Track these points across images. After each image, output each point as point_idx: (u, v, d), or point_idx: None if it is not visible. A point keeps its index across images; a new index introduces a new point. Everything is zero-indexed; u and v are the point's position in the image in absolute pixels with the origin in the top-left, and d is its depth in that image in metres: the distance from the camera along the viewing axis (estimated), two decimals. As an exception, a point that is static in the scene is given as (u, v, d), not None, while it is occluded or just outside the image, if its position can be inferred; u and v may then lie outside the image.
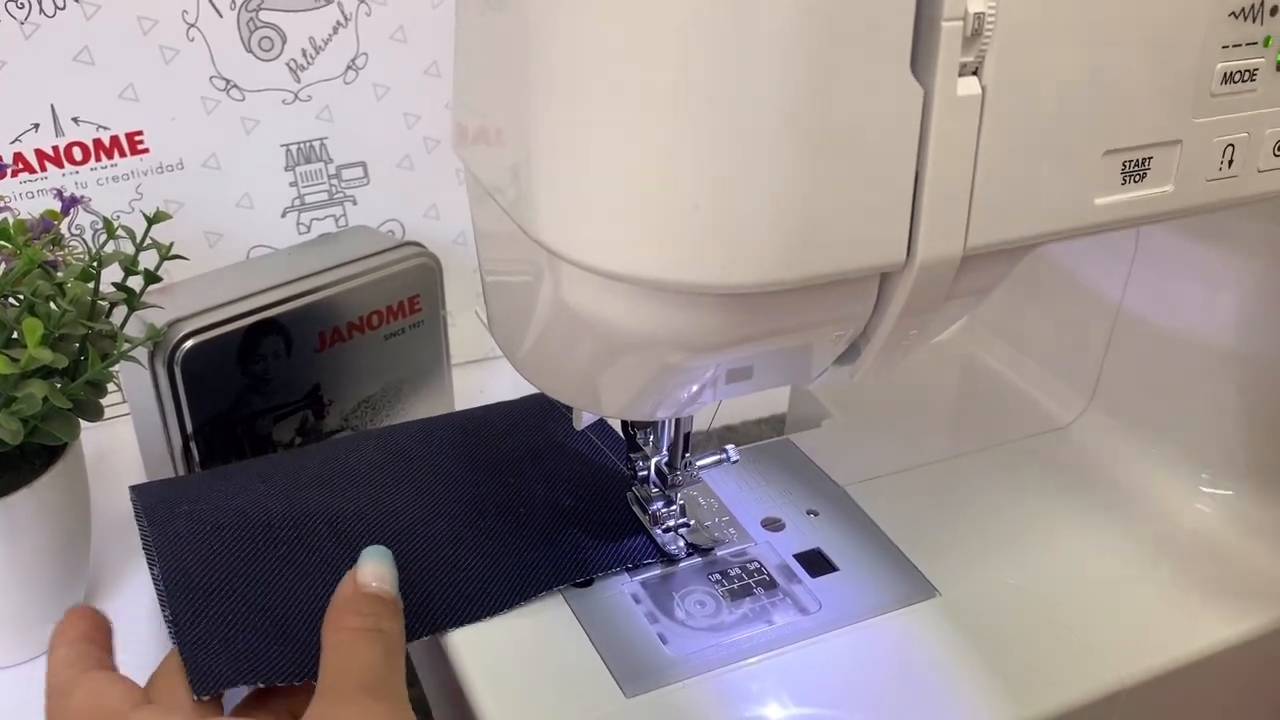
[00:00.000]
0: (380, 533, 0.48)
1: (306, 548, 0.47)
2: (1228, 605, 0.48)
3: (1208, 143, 0.36)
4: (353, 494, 0.50)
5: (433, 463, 0.53)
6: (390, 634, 0.40)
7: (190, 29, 0.62)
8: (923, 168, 0.31)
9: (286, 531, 0.47)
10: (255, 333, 0.56)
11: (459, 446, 0.54)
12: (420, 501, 0.50)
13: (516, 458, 0.54)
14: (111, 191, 0.64)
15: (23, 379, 0.45)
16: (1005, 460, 0.55)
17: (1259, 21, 0.35)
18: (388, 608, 0.41)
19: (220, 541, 0.47)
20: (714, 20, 0.29)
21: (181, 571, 0.45)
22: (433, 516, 0.49)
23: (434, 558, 0.47)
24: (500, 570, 0.47)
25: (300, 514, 0.48)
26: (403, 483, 0.51)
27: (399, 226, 0.72)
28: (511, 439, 0.55)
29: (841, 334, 0.36)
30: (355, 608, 0.41)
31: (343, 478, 0.51)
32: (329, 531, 0.48)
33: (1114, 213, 0.36)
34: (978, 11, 0.30)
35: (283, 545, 0.47)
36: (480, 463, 0.53)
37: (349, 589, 0.42)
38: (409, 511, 0.49)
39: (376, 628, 0.40)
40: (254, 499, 0.49)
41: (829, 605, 0.46)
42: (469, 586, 0.46)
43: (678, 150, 0.30)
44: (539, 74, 0.32)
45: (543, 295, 0.37)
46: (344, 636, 0.40)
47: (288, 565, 0.46)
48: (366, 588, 0.42)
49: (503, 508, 0.50)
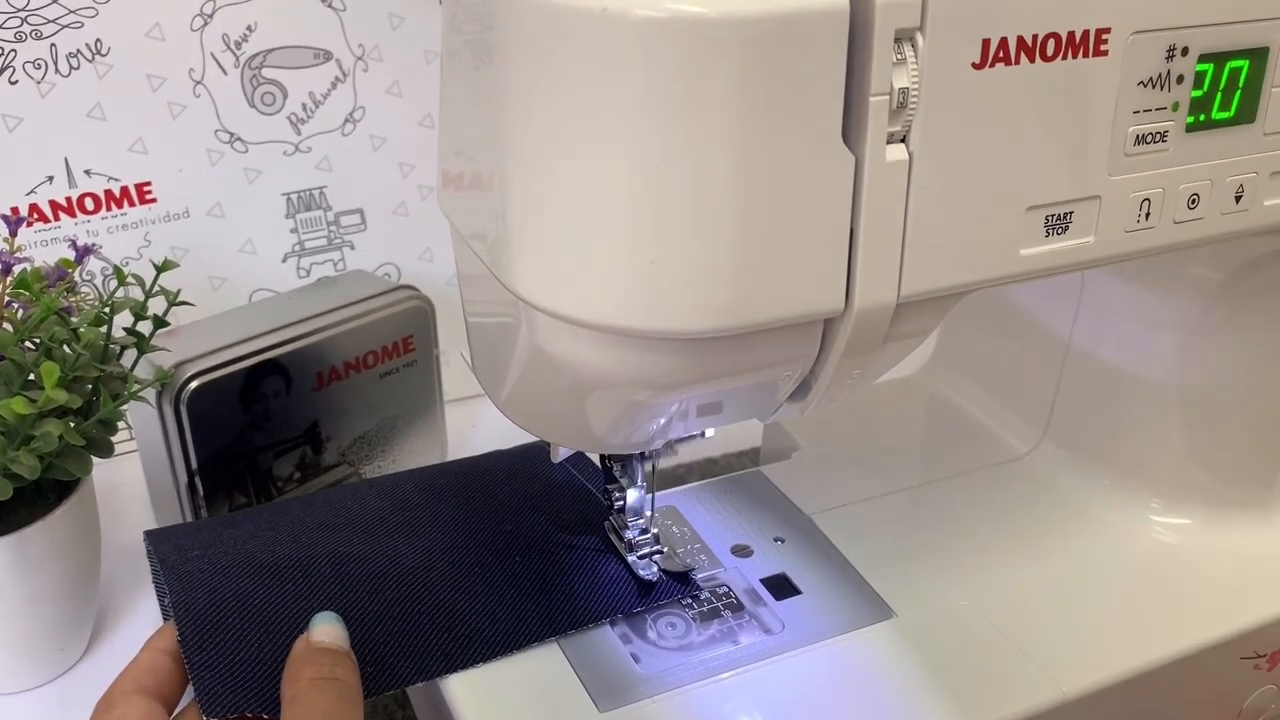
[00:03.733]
0: (382, 577, 0.50)
1: (311, 588, 0.48)
2: (1171, 623, 0.50)
3: (1125, 197, 0.40)
4: (356, 540, 0.52)
5: (432, 510, 0.54)
6: (346, 682, 0.42)
7: (197, 86, 0.66)
8: (857, 225, 0.35)
9: (293, 572, 0.49)
10: (257, 373, 0.59)
11: (458, 494, 0.56)
12: (421, 547, 0.52)
13: (514, 505, 0.55)
14: (121, 239, 0.67)
15: (40, 418, 0.48)
16: (963, 489, 0.58)
17: (1166, 89, 0.39)
18: (342, 658, 0.43)
19: (229, 580, 0.48)
20: (666, 96, 0.32)
21: (191, 606, 0.47)
22: (433, 562, 0.51)
23: (430, 602, 0.49)
24: (496, 620, 0.48)
25: (306, 558, 0.50)
26: (404, 530, 0.53)
27: (394, 270, 0.75)
28: (509, 486, 0.57)
29: (790, 374, 0.39)
30: (310, 659, 0.42)
31: (347, 524, 0.53)
32: (333, 573, 0.49)
33: (1039, 262, 0.39)
34: (902, 87, 0.33)
35: (289, 584, 0.48)
36: (478, 510, 0.55)
37: (302, 646, 0.43)
38: (410, 557, 0.51)
39: (332, 676, 0.42)
40: (262, 544, 0.51)
41: (792, 626, 0.49)
42: (464, 630, 0.47)
43: (636, 210, 0.33)
44: (512, 137, 0.35)
45: (519, 338, 0.40)
46: (301, 687, 0.41)
47: (293, 602, 0.48)
48: (320, 643, 0.43)
49: (500, 555, 0.52)
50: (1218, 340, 0.53)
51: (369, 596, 0.49)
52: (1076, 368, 0.58)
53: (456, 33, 0.39)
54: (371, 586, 0.49)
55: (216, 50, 0.65)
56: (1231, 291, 0.51)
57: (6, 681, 0.54)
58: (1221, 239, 0.43)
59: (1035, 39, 0.35)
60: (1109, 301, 0.56)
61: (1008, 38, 0.35)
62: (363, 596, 0.48)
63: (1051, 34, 0.35)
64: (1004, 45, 0.35)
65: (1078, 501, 0.57)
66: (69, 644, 0.55)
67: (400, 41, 0.69)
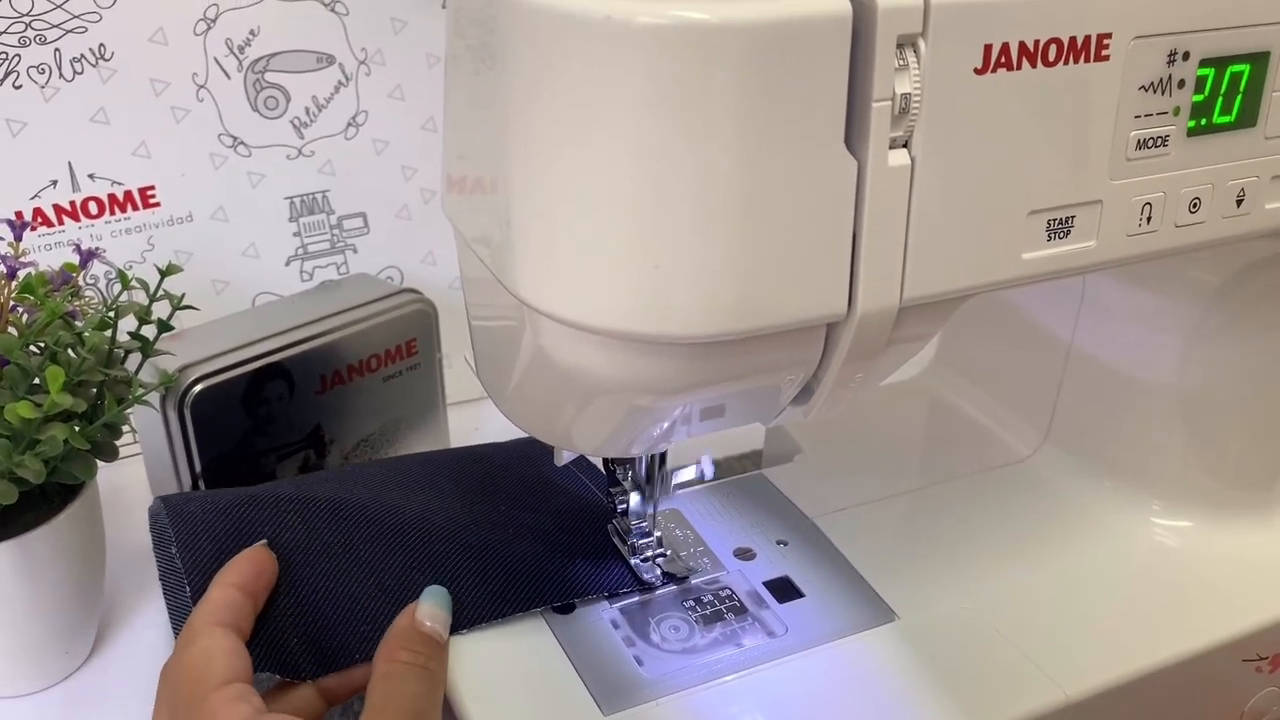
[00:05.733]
0: (378, 525, 0.51)
1: (309, 532, 0.50)
2: (1173, 626, 0.51)
3: (1126, 202, 0.40)
4: (358, 490, 0.53)
5: (433, 481, 0.56)
6: (435, 674, 0.44)
7: (200, 90, 0.66)
8: (859, 230, 0.35)
9: (292, 518, 0.50)
10: (260, 377, 0.59)
11: (457, 473, 0.57)
12: (418, 503, 0.53)
13: (510, 488, 0.56)
14: (124, 243, 0.68)
15: (45, 423, 0.48)
16: (965, 492, 0.58)
17: (1168, 94, 0.39)
18: (438, 650, 0.45)
19: (230, 520, 0.49)
20: (669, 101, 0.32)
21: (194, 549, 0.48)
22: (430, 513, 0.52)
23: (425, 554, 0.50)
24: (488, 579, 0.49)
25: (307, 498, 0.51)
26: (403, 490, 0.54)
27: (397, 273, 0.75)
28: (506, 472, 0.58)
29: (794, 378, 0.39)
30: (409, 643, 0.44)
31: (349, 483, 0.55)
32: (331, 516, 0.51)
33: (1041, 266, 0.39)
34: (904, 92, 0.34)
35: (286, 531, 0.50)
36: (475, 488, 0.56)
37: (405, 622, 0.46)
38: (408, 510, 0.52)
39: (425, 666, 0.44)
40: (266, 488, 0.53)
41: (795, 629, 0.49)
42: (457, 589, 0.49)
43: (640, 216, 0.33)
44: (516, 142, 0.35)
45: (523, 342, 0.41)
46: (395, 668, 0.43)
47: (293, 550, 0.49)
48: (421, 626, 0.45)
49: (495, 526, 0.53)
50: (1219, 343, 0.53)
51: (364, 545, 0.50)
52: (1078, 371, 0.58)
53: (460, 37, 0.39)
54: (368, 535, 0.50)
55: (220, 55, 0.66)
56: (1232, 295, 0.51)
57: (11, 685, 0.54)
58: (1222, 243, 0.43)
59: (1037, 44, 0.35)
60: (1110, 305, 0.56)
61: (1009, 43, 0.35)
62: (358, 544, 0.50)
63: (1053, 39, 0.36)
64: (1005, 50, 0.35)
65: (1079, 504, 0.57)
66: (73, 647, 0.55)
67: (403, 45, 0.69)
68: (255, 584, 0.46)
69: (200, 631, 0.43)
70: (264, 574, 0.47)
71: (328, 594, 0.48)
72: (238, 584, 0.46)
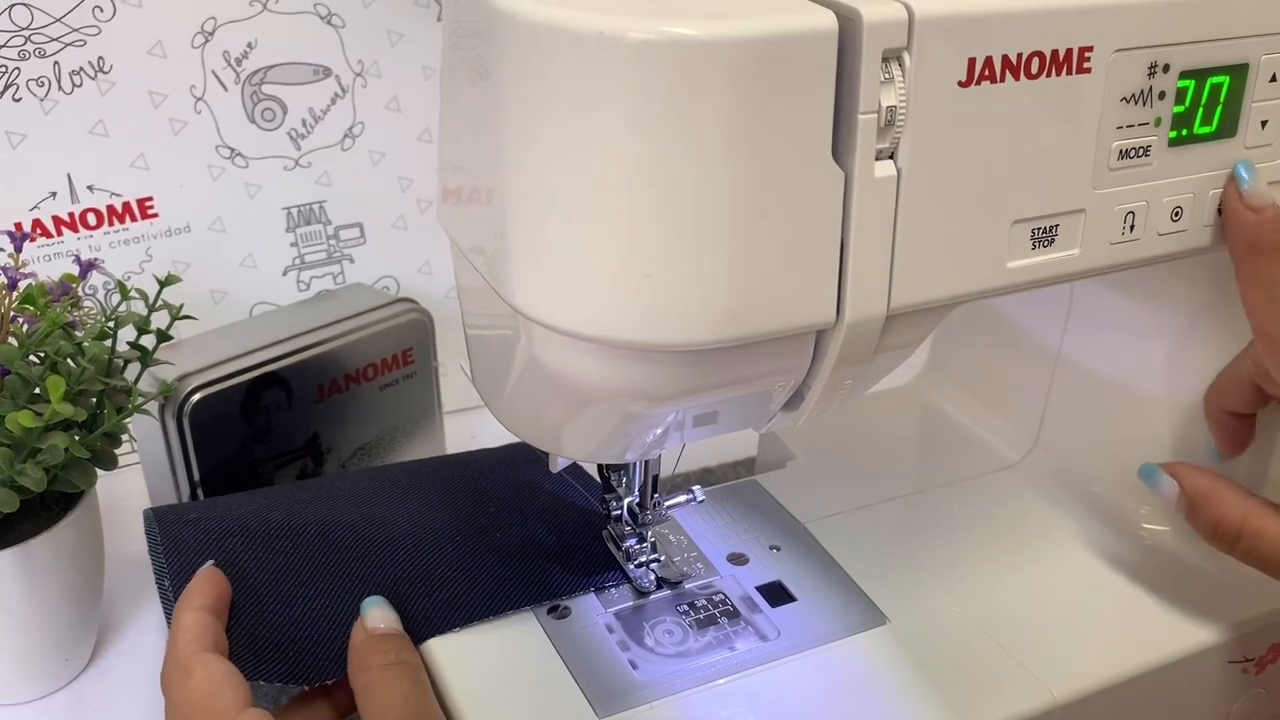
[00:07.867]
0: (368, 542, 0.52)
1: (302, 556, 0.51)
2: (1160, 628, 0.51)
3: (1109, 211, 0.41)
4: (345, 510, 0.54)
5: (421, 491, 0.57)
6: (412, 664, 0.44)
7: (198, 102, 0.67)
8: (847, 239, 0.36)
9: (283, 543, 0.51)
10: (258, 386, 0.60)
11: (445, 479, 0.58)
12: (407, 517, 0.54)
13: (498, 492, 0.57)
14: (123, 254, 0.68)
15: (45, 432, 0.49)
16: (956, 497, 0.59)
17: (1149, 105, 0.40)
18: (402, 642, 0.45)
19: (221, 550, 0.50)
20: (660, 115, 0.33)
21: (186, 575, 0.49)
22: (417, 530, 0.53)
23: (414, 566, 0.51)
24: (476, 584, 0.50)
25: (297, 524, 0.52)
26: (392, 503, 0.55)
27: (394, 283, 0.76)
28: (495, 476, 0.59)
29: (784, 385, 0.40)
30: (374, 648, 0.45)
31: (338, 499, 0.55)
32: (321, 542, 0.51)
33: (1026, 274, 0.40)
34: (890, 105, 0.34)
35: (279, 557, 0.50)
36: (464, 493, 0.57)
37: (360, 635, 0.46)
38: (396, 525, 0.53)
39: (400, 661, 0.44)
40: (254, 511, 0.53)
41: (787, 633, 0.50)
42: (445, 594, 0.49)
43: (632, 226, 0.34)
44: (510, 153, 0.36)
45: (517, 350, 0.41)
46: (373, 675, 0.43)
47: (285, 574, 0.50)
48: (376, 630, 0.46)
49: (482, 530, 0.54)
50: (1205, 349, 0.54)
51: (356, 562, 0.51)
52: (1066, 377, 0.59)
53: (455, 50, 0.40)
54: (359, 552, 0.51)
55: (217, 67, 0.66)
56: (1216, 302, 0.52)
57: (11, 692, 0.54)
58: (1205, 251, 0.44)
59: (1020, 57, 0.36)
60: (1098, 312, 0.56)
61: (993, 56, 0.36)
62: (350, 562, 0.50)
63: (1036, 53, 0.36)
64: (989, 64, 0.36)
65: (1068, 509, 0.58)
66: (73, 654, 0.55)
67: (399, 57, 0.70)
68: (219, 604, 0.47)
69: (193, 660, 0.43)
70: (225, 593, 0.47)
71: (324, 611, 0.49)
72: (206, 606, 0.46)
